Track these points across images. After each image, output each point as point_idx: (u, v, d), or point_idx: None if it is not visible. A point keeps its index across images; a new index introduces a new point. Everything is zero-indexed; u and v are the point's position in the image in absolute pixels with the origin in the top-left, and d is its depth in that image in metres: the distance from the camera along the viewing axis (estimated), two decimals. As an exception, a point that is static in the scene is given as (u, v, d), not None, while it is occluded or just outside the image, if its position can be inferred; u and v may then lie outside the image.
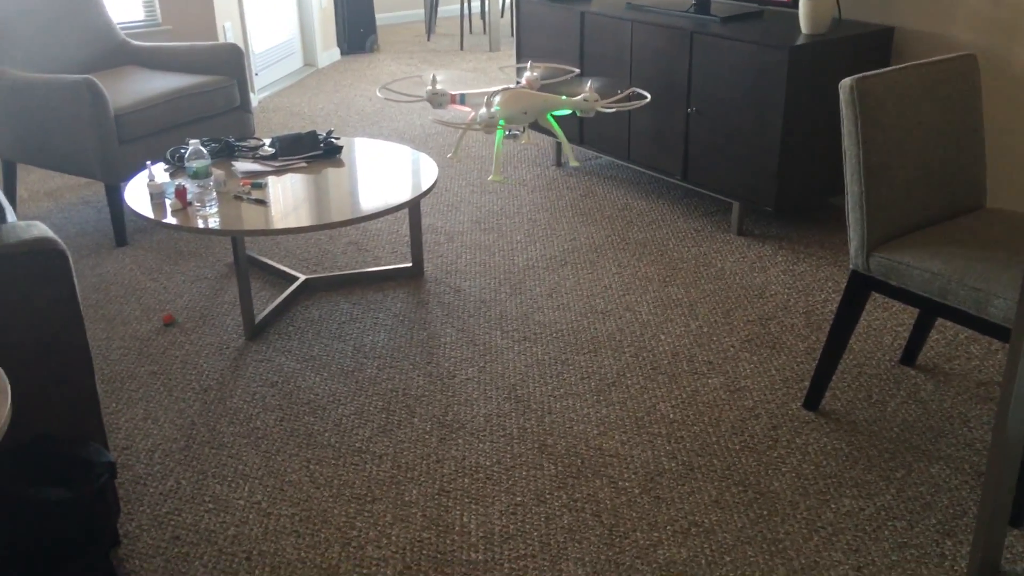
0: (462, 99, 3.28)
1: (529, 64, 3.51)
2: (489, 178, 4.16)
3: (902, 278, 2.21)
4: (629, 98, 3.73)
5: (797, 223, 3.73)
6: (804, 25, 3.37)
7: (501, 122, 3.09)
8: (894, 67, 2.27)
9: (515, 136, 3.56)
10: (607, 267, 3.39)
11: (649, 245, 3.57)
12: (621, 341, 2.88)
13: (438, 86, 3.31)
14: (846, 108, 2.21)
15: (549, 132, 3.67)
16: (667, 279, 3.28)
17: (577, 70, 3.92)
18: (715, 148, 3.57)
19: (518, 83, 3.31)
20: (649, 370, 2.72)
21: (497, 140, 3.22)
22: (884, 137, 2.23)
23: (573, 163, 3.17)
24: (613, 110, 3.45)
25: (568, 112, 3.18)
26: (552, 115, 3.22)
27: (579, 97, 3.10)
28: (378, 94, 4.37)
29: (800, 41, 3.27)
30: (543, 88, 3.40)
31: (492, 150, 4.71)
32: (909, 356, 2.71)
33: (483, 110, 3.13)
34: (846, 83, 2.19)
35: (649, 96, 3.41)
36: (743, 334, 2.90)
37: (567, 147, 3.23)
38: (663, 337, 2.90)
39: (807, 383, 2.63)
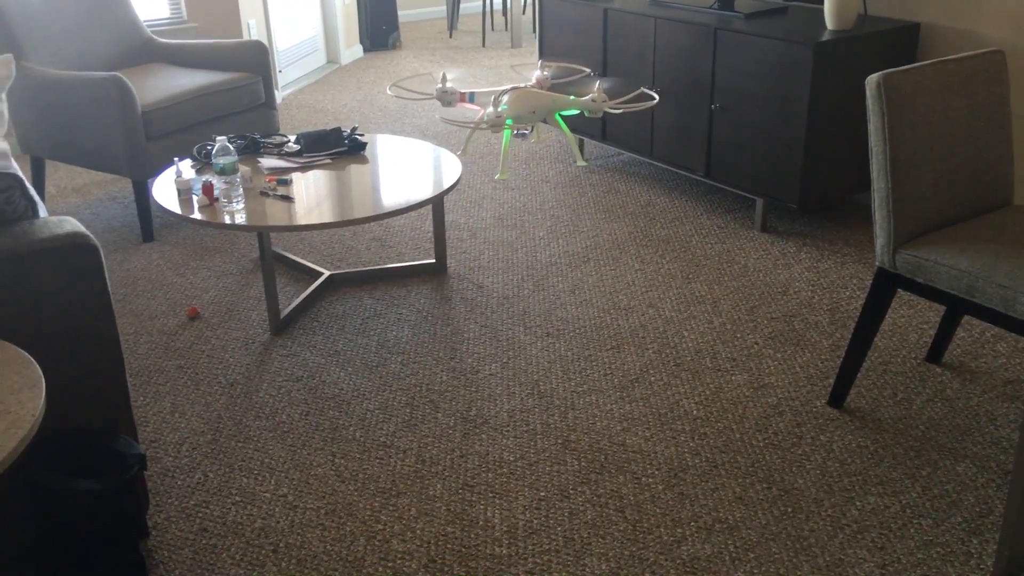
0: (471, 98, 3.29)
1: (540, 63, 3.51)
2: (496, 176, 4.17)
3: (929, 275, 2.20)
4: (638, 98, 3.72)
5: (821, 220, 3.71)
6: (829, 21, 3.35)
7: (509, 121, 3.10)
8: (921, 63, 2.26)
9: (523, 135, 3.56)
10: (630, 263, 3.39)
11: (672, 242, 3.56)
12: (644, 337, 2.88)
13: (448, 84, 3.31)
14: (872, 104, 2.20)
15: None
16: (690, 275, 3.28)
17: (589, 70, 3.92)
18: (739, 145, 3.56)
19: (528, 84, 3.33)
20: (672, 366, 2.72)
21: (505, 139, 3.23)
22: (911, 134, 2.22)
23: (580, 162, 3.19)
24: (620, 111, 3.45)
25: (576, 112, 3.19)
26: (560, 115, 3.22)
27: (587, 97, 3.11)
28: (388, 92, 4.39)
29: (825, 37, 3.25)
30: (553, 88, 3.41)
31: (517, 147, 4.71)
32: (935, 354, 2.70)
33: (490, 108, 3.13)
34: (872, 79, 2.18)
35: (657, 97, 3.41)
36: (767, 331, 2.90)
37: (575, 147, 3.25)
38: (686, 334, 2.90)
39: (832, 380, 2.62)
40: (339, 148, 3.25)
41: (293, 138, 3.34)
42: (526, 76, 3.71)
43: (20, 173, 2.07)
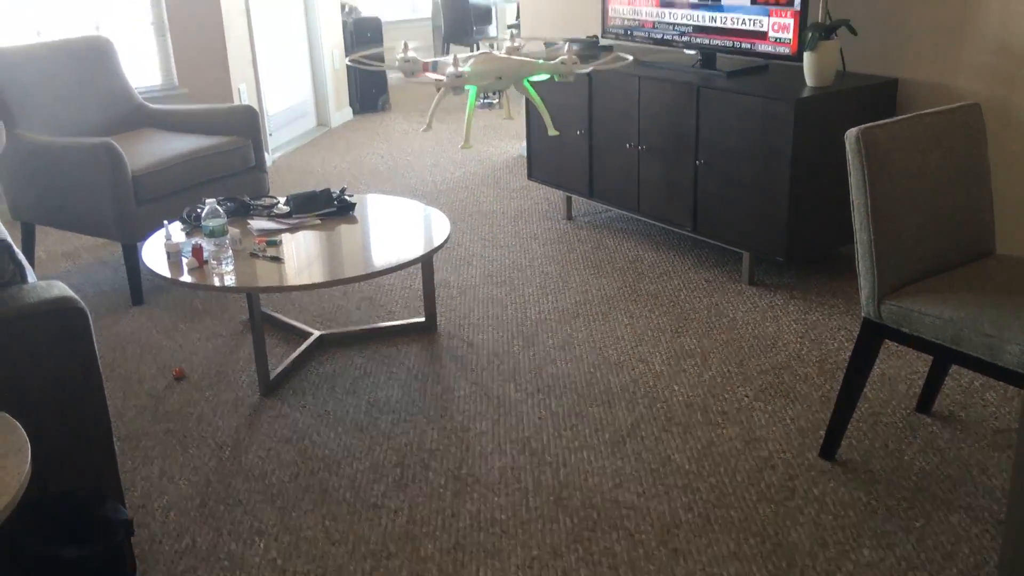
0: (434, 67, 3.11)
1: (510, 34, 3.32)
2: (459, 146, 4.01)
3: (914, 325, 2.21)
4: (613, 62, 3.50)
5: (808, 272, 3.74)
6: (809, 78, 3.42)
7: (473, 88, 2.89)
8: (899, 117, 2.30)
9: (491, 104, 3.35)
10: (619, 319, 3.40)
11: (661, 296, 3.58)
12: (635, 392, 2.88)
13: (410, 53, 3.13)
14: (853, 158, 2.24)
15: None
16: (679, 330, 3.29)
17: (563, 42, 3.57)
18: (724, 199, 3.60)
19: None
20: (664, 421, 2.71)
21: (469, 105, 3.02)
22: (891, 186, 2.25)
23: (552, 132, 3.00)
24: (590, 69, 3.28)
25: (546, 77, 2.98)
26: (529, 81, 3.02)
27: (556, 60, 2.93)
28: (347, 63, 4.16)
29: (806, 94, 3.32)
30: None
31: (506, 205, 4.75)
32: (924, 404, 2.70)
33: (450, 68, 2.98)
34: (852, 133, 2.22)
35: (631, 57, 3.23)
36: (757, 384, 2.90)
37: (546, 115, 3.05)
38: (677, 388, 2.90)
39: (823, 432, 2.62)
40: (328, 209, 3.27)
41: (283, 200, 3.36)
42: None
43: (9, 239, 2.09)
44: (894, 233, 2.27)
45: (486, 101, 3.30)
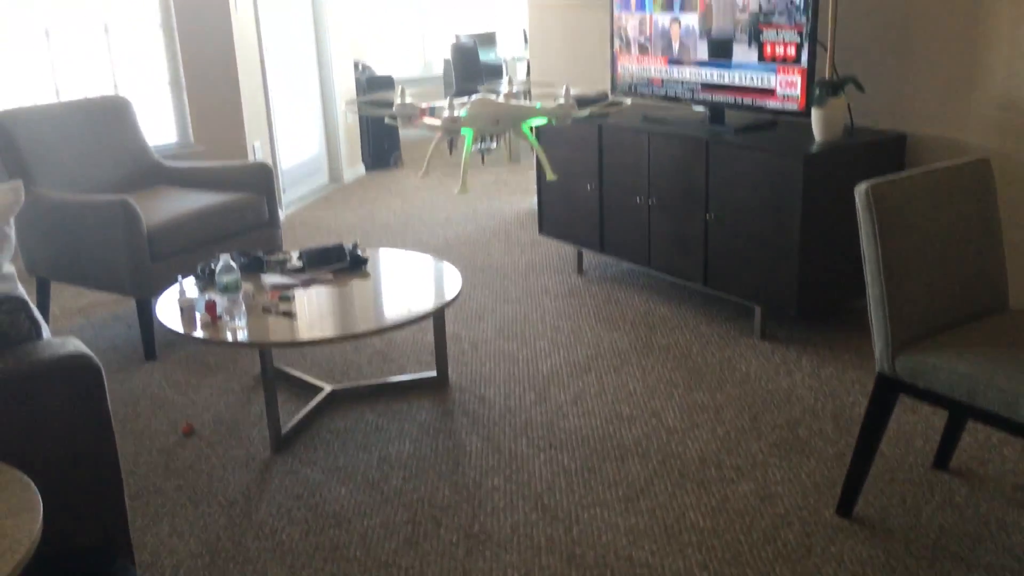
0: (432, 112, 3.09)
1: (507, 79, 3.32)
2: (455, 191, 3.98)
3: (929, 380, 2.20)
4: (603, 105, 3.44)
5: (821, 326, 3.73)
6: (817, 133, 3.45)
7: (469, 133, 2.86)
8: (908, 172, 2.31)
9: (488, 149, 3.25)
10: (631, 373, 3.39)
11: (673, 350, 3.57)
12: (648, 447, 2.86)
13: (407, 99, 3.11)
14: (863, 213, 2.24)
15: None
16: (692, 384, 3.28)
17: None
18: (735, 253, 3.61)
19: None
20: (677, 477, 2.69)
21: (465, 150, 3.02)
22: (902, 240, 2.26)
23: (551, 176, 2.97)
24: (587, 113, 3.24)
25: (544, 122, 2.95)
26: (527, 125, 2.98)
27: (554, 105, 2.90)
28: (344, 109, 4.14)
29: (815, 149, 3.34)
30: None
31: (517, 259, 4.78)
32: (942, 459, 2.67)
33: (445, 112, 2.93)
34: (861, 188, 2.23)
35: (628, 101, 3.22)
36: (771, 439, 2.88)
37: (544, 160, 3.02)
38: (690, 443, 2.87)
39: (839, 488, 2.58)
40: (341, 264, 3.30)
41: (296, 255, 3.39)
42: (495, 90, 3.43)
43: (25, 295, 2.10)
44: (907, 287, 2.27)
45: (483, 146, 3.20)
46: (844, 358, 3.42)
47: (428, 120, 3.00)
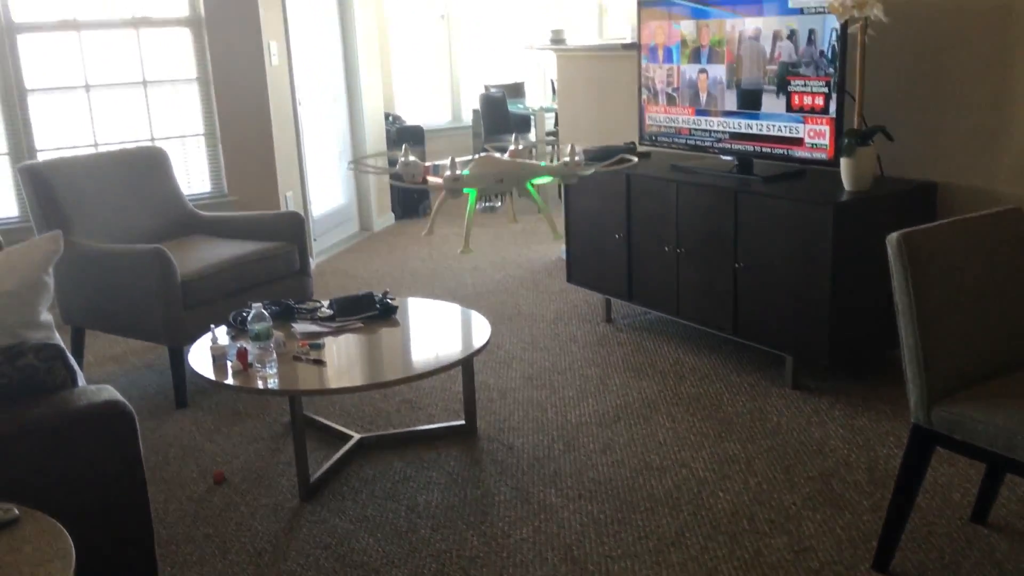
0: (435, 171, 3.00)
1: (514, 136, 3.25)
2: (458, 251, 3.89)
3: (966, 432, 2.16)
4: (619, 161, 3.39)
5: (853, 376, 3.68)
6: (847, 183, 3.45)
7: (472, 192, 2.78)
8: (940, 222, 2.30)
9: (493, 208, 3.13)
10: (661, 422, 3.36)
11: (702, 400, 3.54)
12: (679, 499, 2.82)
13: (411, 158, 3.05)
14: (895, 262, 2.23)
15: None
16: (722, 434, 3.24)
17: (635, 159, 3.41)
18: (765, 302, 3.59)
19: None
20: (709, 529, 2.65)
21: (468, 209, 2.94)
22: (936, 290, 2.24)
23: (556, 236, 2.90)
24: (592, 171, 3.20)
25: (549, 180, 2.87)
26: (532, 184, 2.90)
27: (559, 163, 2.83)
28: (347, 168, 4.06)
29: (844, 198, 3.34)
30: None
31: (545, 307, 4.78)
32: (980, 513, 2.61)
33: (447, 172, 2.84)
34: (893, 238, 2.22)
35: (636, 159, 3.11)
36: (804, 491, 2.83)
37: (550, 220, 2.94)
38: (721, 495, 2.84)
39: (875, 543, 2.53)
40: (371, 312, 3.32)
41: (326, 303, 3.42)
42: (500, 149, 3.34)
43: (62, 343, 2.14)
44: (941, 337, 2.25)
45: (488, 205, 3.08)
46: (878, 408, 3.38)
47: (431, 179, 2.99)
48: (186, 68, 5.23)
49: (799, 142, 3.60)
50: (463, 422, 3.40)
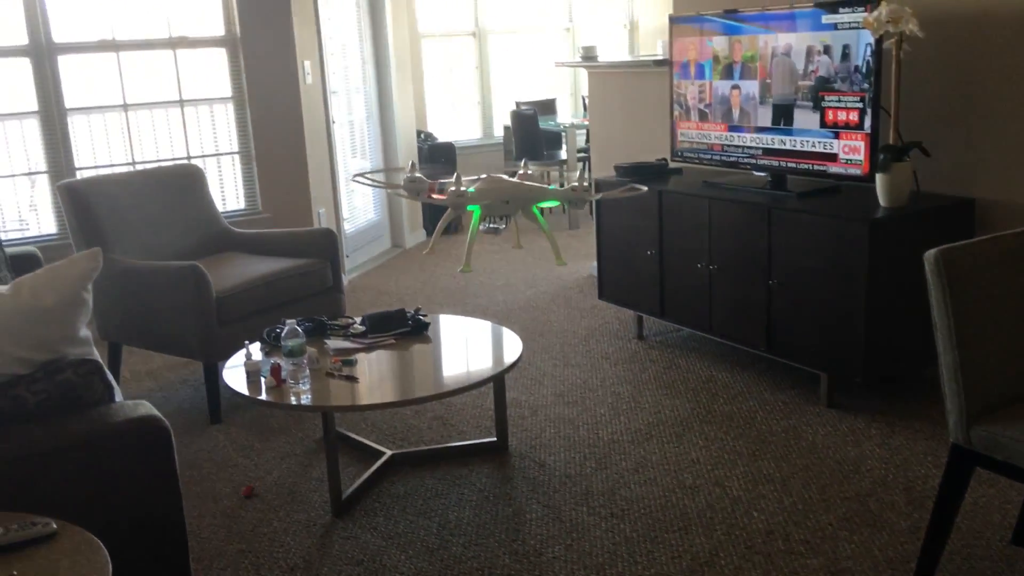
0: (441, 188, 2.99)
1: (524, 162, 3.22)
2: (458, 269, 3.85)
3: (1007, 452, 2.12)
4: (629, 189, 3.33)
5: (890, 394, 3.63)
6: (883, 199, 3.41)
7: (477, 209, 2.74)
8: (979, 238, 2.27)
9: (496, 230, 3.07)
10: (694, 440, 3.33)
11: (736, 418, 3.51)
12: (712, 518, 2.79)
13: (416, 173, 3.02)
14: (933, 279, 2.20)
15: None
16: (756, 453, 3.21)
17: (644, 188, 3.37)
18: (799, 319, 3.56)
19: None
20: (743, 549, 2.62)
21: (472, 227, 2.89)
22: (975, 307, 2.21)
23: (560, 263, 2.87)
24: (600, 196, 3.11)
25: (556, 204, 2.83)
26: (538, 207, 2.85)
27: (568, 187, 2.79)
28: (353, 180, 4.00)
29: (880, 214, 3.30)
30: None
31: (576, 324, 4.77)
32: (1021, 535, 2.56)
33: (452, 188, 2.80)
34: (931, 255, 2.19)
35: (645, 188, 3.08)
36: (840, 511, 2.79)
37: (554, 244, 2.89)
38: (756, 514, 2.80)
39: (913, 564, 2.49)
40: (403, 328, 3.33)
41: (359, 319, 3.43)
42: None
43: (100, 359, 2.16)
44: (980, 355, 2.21)
45: (491, 227, 3.03)
46: (915, 427, 3.33)
47: (436, 196, 2.98)
48: (221, 87, 5.31)
49: (833, 158, 3.57)
50: (494, 439, 3.39)
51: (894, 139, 3.45)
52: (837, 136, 3.54)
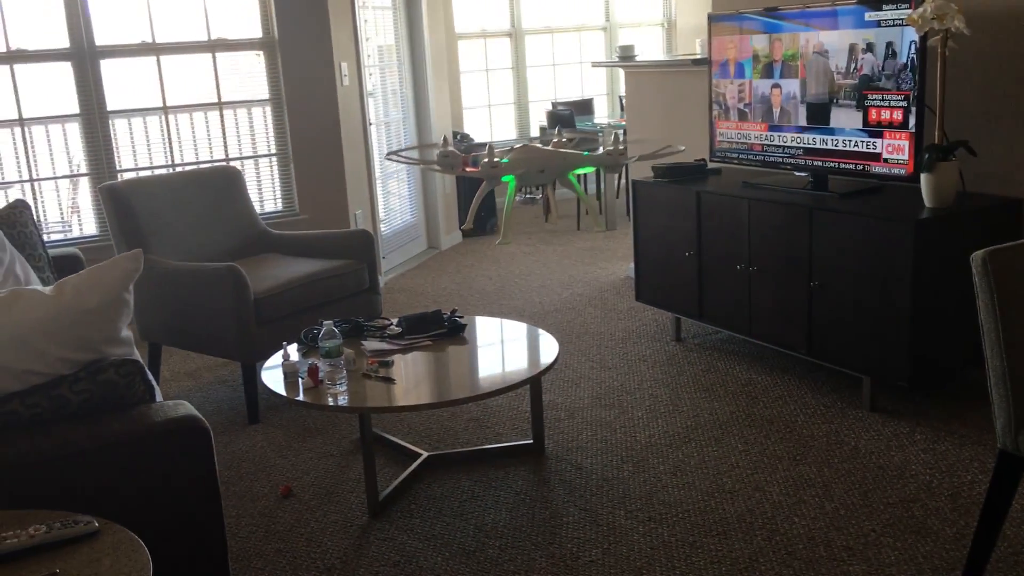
0: (475, 161, 2.99)
1: (557, 129, 3.20)
2: (496, 242, 3.86)
3: (1058, 459, 2.07)
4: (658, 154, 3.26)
5: (934, 398, 3.56)
6: (928, 199, 3.35)
7: (512, 180, 2.75)
8: (1028, 239, 2.21)
9: (533, 199, 3.01)
10: (733, 444, 3.29)
11: (776, 421, 3.46)
12: (752, 523, 2.76)
13: (449, 147, 3.01)
14: (980, 282, 2.15)
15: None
16: (797, 457, 3.16)
17: (682, 147, 3.30)
18: (841, 322, 3.50)
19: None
20: (784, 555, 2.58)
21: (508, 198, 2.90)
22: (1023, 310, 2.15)
23: (598, 228, 2.87)
24: (636, 159, 3.09)
25: (592, 170, 2.80)
26: (574, 175, 2.84)
27: (602, 151, 2.76)
28: (386, 160, 4.01)
29: (925, 215, 3.24)
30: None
31: (613, 326, 4.74)
32: (1073, 544, 2.50)
33: (485, 160, 2.80)
34: (978, 257, 2.14)
35: (683, 147, 3.05)
36: (884, 517, 2.74)
37: (593, 211, 2.90)
38: (797, 519, 2.76)
39: (959, 572, 2.43)
40: (439, 330, 3.32)
41: (395, 321, 3.44)
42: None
43: (140, 359, 2.18)
44: (1030, 359, 2.15)
45: (528, 196, 2.95)
46: (961, 432, 3.26)
47: (470, 169, 2.97)
48: (259, 89, 5.35)
49: (876, 157, 3.51)
50: (531, 441, 3.38)
51: (939, 138, 3.38)
52: (881, 135, 3.48)
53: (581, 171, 2.84)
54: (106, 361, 2.06)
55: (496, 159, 2.75)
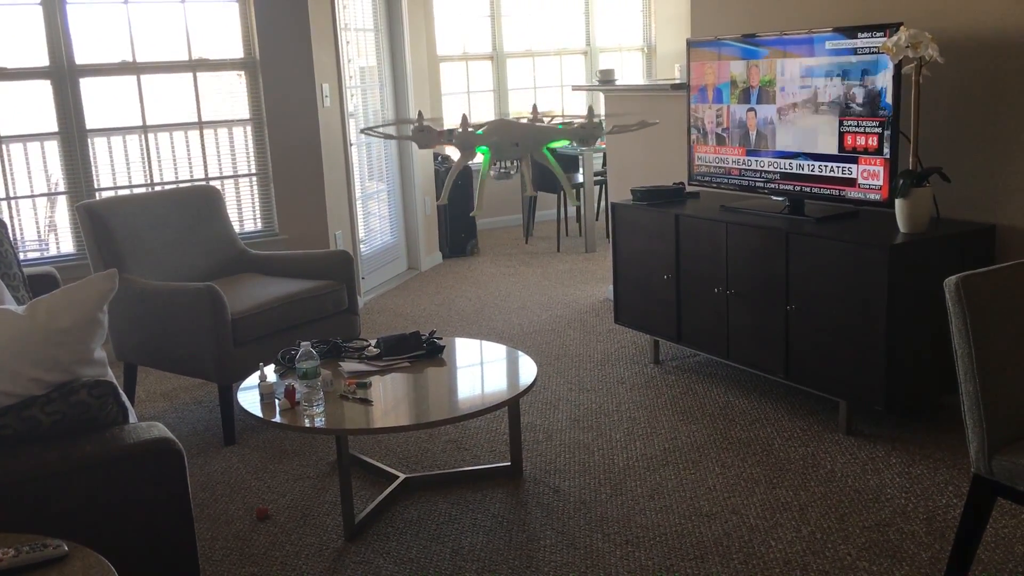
0: (449, 137, 2.96)
1: (533, 106, 3.19)
2: (471, 213, 3.83)
3: (1031, 483, 2.08)
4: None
5: (910, 422, 3.59)
6: (902, 224, 3.38)
7: (486, 152, 2.71)
8: (1000, 265, 2.24)
9: (507, 174, 2.98)
10: (710, 467, 3.30)
11: (753, 445, 3.47)
12: (729, 547, 2.76)
13: (425, 122, 3.00)
14: (953, 307, 2.17)
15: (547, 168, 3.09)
16: (774, 481, 3.17)
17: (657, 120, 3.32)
18: (818, 345, 3.53)
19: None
20: (760, 579, 2.58)
21: (483, 168, 2.86)
22: (997, 335, 2.17)
23: (574, 203, 2.89)
24: (610, 132, 3.08)
25: (567, 143, 2.82)
26: (549, 148, 2.84)
27: (577, 125, 2.78)
28: (361, 134, 3.98)
29: (899, 240, 3.27)
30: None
31: (592, 348, 4.75)
32: (1046, 568, 2.51)
33: (459, 129, 2.78)
34: (951, 282, 2.17)
35: (658, 121, 3.03)
36: (860, 541, 2.75)
37: (567, 186, 2.89)
38: (773, 543, 2.76)
39: (934, 597, 2.44)
40: (418, 351, 3.32)
41: (374, 342, 3.43)
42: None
43: (114, 380, 2.16)
44: (1002, 384, 2.18)
45: (502, 171, 2.92)
46: (936, 456, 3.28)
47: (449, 146, 2.95)
48: (240, 109, 5.34)
49: (852, 183, 3.55)
50: (509, 463, 3.37)
51: (913, 164, 3.43)
52: (856, 161, 3.52)
53: (556, 145, 2.82)
54: (79, 382, 2.04)
55: (471, 129, 2.74)
